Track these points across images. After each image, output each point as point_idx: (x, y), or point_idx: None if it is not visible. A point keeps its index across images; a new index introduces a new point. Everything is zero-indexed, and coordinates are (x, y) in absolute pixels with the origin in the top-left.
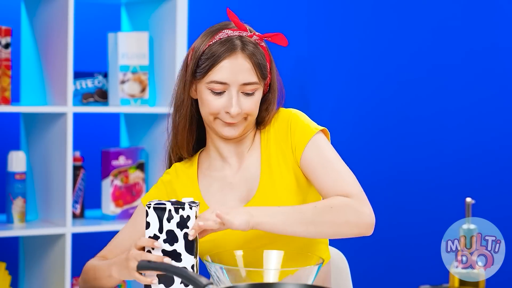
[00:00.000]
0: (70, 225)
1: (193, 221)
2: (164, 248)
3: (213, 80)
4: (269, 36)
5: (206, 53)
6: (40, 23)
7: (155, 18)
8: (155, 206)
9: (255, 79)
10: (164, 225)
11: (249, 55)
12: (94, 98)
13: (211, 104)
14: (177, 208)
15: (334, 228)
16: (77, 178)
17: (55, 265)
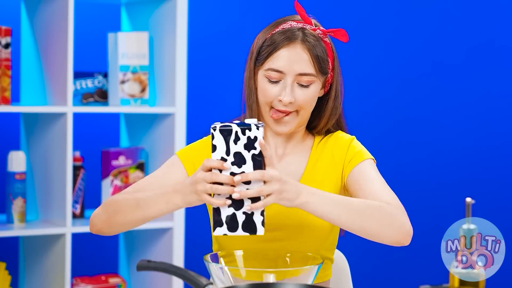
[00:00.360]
0: (70, 225)
1: (259, 142)
2: (233, 171)
3: (270, 68)
4: (332, 32)
5: (267, 41)
6: (40, 23)
7: (155, 18)
8: (221, 128)
9: (312, 71)
10: (231, 147)
11: (308, 47)
12: (94, 98)
13: (266, 91)
14: (244, 129)
15: (378, 227)
16: (77, 178)
17: (55, 265)
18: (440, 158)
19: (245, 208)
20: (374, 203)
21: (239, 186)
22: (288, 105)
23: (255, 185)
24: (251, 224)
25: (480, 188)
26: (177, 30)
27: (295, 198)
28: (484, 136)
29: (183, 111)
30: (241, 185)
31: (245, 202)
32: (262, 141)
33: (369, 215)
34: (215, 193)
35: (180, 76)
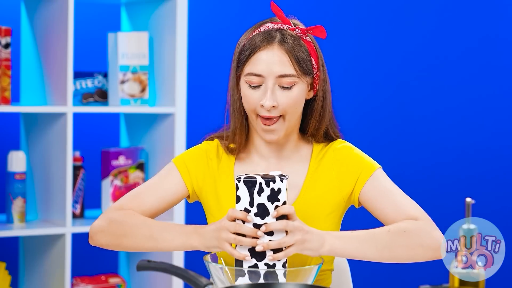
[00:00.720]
0: (70, 225)
1: (283, 194)
2: (256, 222)
3: (249, 72)
4: (310, 29)
5: (245, 45)
6: (40, 23)
7: (155, 18)
8: (245, 180)
9: (292, 72)
10: (255, 199)
11: (287, 48)
12: (94, 98)
13: (248, 98)
14: (268, 181)
15: (408, 251)
16: (77, 178)
17: (55, 265)
18: (439, 158)
19: (267, 259)
20: (399, 227)
21: (262, 237)
22: (272, 110)
23: (277, 236)
24: (272, 276)
25: (480, 188)
26: (177, 30)
27: (319, 247)
28: (483, 135)
29: (183, 111)
30: (263, 236)
31: (267, 253)
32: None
33: (397, 244)
34: (238, 244)
35: (180, 76)
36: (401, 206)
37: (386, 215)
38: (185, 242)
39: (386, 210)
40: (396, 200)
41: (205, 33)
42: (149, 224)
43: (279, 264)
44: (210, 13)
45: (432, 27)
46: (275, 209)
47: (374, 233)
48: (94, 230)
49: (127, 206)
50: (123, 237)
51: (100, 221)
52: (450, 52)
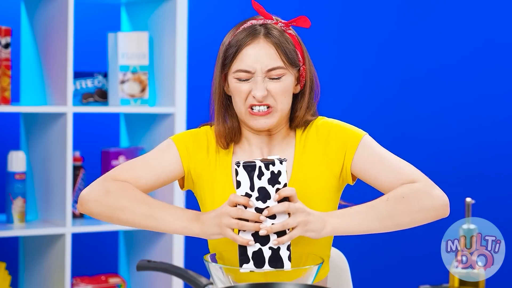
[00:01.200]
0: (70, 225)
1: (284, 176)
2: (257, 206)
3: (238, 69)
4: (294, 21)
5: (230, 43)
6: (40, 23)
7: (155, 18)
8: (244, 164)
9: (280, 64)
10: (255, 183)
11: (273, 41)
12: (94, 98)
13: (239, 90)
14: (267, 164)
15: (411, 216)
16: (77, 178)
17: (55, 265)
18: (439, 158)
19: (272, 243)
20: (397, 194)
21: (265, 221)
22: (262, 99)
23: (280, 219)
24: (277, 259)
25: (480, 188)
26: (177, 30)
27: (321, 228)
28: (483, 135)
29: (183, 111)
30: (266, 220)
31: (271, 237)
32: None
33: (398, 211)
34: (240, 229)
35: (180, 76)
36: (396, 170)
37: (383, 182)
38: (186, 227)
39: (381, 176)
40: (389, 165)
41: (205, 33)
42: (150, 202)
43: (284, 248)
44: (210, 13)
45: (435, 26)
46: (276, 192)
47: (374, 205)
48: (87, 197)
49: (122, 177)
50: (120, 210)
51: (93, 189)
52: (451, 52)
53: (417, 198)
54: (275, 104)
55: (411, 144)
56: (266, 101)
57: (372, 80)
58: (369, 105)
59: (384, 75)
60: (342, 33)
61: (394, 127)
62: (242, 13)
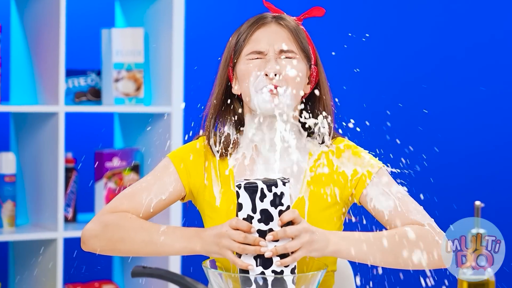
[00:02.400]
0: (62, 229)
1: (287, 197)
2: (260, 228)
3: (250, 51)
4: (306, 13)
5: (240, 32)
6: (31, 19)
7: (150, 14)
8: (246, 186)
9: (294, 48)
10: (257, 205)
11: (284, 24)
12: (87, 97)
13: (250, 69)
14: (270, 186)
15: (414, 261)
16: (69, 181)
17: (47, 271)
18: (446, 159)
19: (275, 265)
20: (406, 233)
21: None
22: (273, 78)
23: (283, 242)
24: (281, 283)
25: (480, 188)
26: (173, 26)
27: (324, 247)
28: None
29: (180, 110)
30: (267, 244)
31: (273, 259)
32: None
33: (402, 250)
34: (242, 253)
35: (177, 74)
36: (404, 209)
37: (389, 219)
38: (186, 246)
39: (388, 212)
40: (399, 203)
41: (203, 29)
42: (148, 228)
43: (287, 270)
44: (208, 8)
45: (443, 22)
46: (280, 216)
47: (380, 238)
48: (87, 234)
49: (121, 207)
50: (120, 242)
51: (93, 225)
52: (456, 50)
53: (425, 242)
54: (287, 85)
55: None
56: (277, 83)
57: (378, 79)
58: (375, 105)
59: (390, 74)
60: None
61: (398, 126)
62: (242, 8)
